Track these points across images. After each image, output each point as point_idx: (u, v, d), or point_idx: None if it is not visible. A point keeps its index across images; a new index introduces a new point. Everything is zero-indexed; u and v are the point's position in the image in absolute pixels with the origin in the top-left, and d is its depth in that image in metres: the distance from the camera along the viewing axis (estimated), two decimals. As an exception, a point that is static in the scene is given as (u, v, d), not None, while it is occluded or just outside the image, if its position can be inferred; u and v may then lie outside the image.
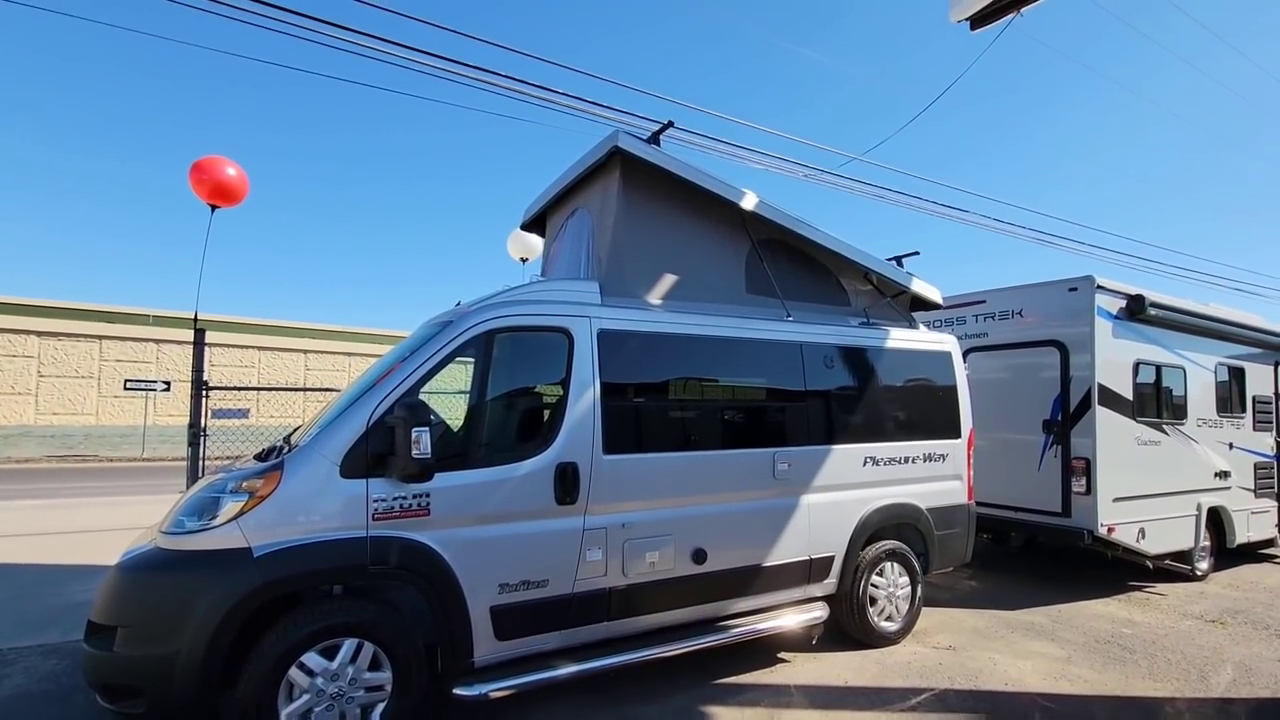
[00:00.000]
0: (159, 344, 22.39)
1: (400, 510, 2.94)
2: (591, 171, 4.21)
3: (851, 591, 4.33)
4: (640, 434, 3.68)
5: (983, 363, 6.42)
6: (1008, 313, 6.39)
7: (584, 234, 4.24)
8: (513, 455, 3.29)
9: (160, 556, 2.79)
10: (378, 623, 2.88)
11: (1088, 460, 5.65)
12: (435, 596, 2.99)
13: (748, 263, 4.37)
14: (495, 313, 3.36)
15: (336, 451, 2.89)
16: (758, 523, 3.97)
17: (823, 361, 4.36)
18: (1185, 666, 4.28)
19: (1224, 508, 6.73)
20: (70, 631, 4.38)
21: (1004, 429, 6.23)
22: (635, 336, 3.70)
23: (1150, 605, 5.69)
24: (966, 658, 4.33)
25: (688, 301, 4.04)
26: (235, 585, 2.65)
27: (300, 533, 2.79)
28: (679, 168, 3.98)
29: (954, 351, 5.10)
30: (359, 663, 2.83)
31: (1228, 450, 6.92)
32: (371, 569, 2.87)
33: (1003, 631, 4.88)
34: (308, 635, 2.73)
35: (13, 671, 3.80)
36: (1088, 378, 5.71)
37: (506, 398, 3.57)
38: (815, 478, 4.19)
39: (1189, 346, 6.63)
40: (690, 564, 3.66)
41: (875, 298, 4.96)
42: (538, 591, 3.23)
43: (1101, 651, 4.52)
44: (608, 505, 3.43)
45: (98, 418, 21.24)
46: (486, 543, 3.12)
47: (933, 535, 4.75)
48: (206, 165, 5.75)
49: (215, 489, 2.93)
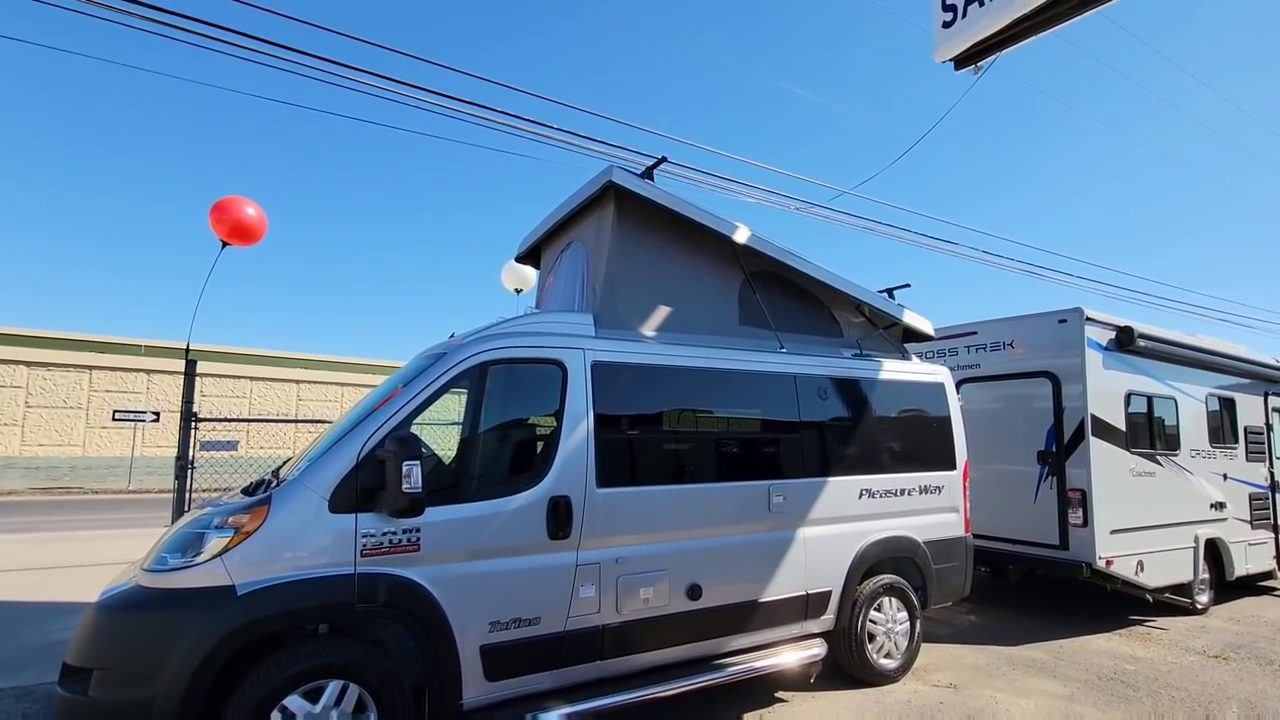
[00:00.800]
0: (149, 374, 22.21)
1: (389, 546, 2.88)
2: (586, 205, 4.26)
3: (849, 627, 4.26)
4: (634, 467, 3.65)
5: (976, 394, 6.44)
6: (999, 344, 6.44)
7: (578, 266, 4.27)
8: (505, 489, 3.25)
9: (141, 595, 2.71)
10: (364, 663, 2.79)
11: (1084, 491, 5.63)
12: (424, 635, 2.92)
13: (740, 295, 4.41)
14: (489, 344, 3.35)
15: (325, 485, 2.85)
16: (753, 557, 3.92)
17: (816, 393, 4.36)
18: (1190, 705, 4.20)
19: (1221, 539, 6.70)
20: (46, 673, 4.23)
21: (999, 460, 6.22)
22: (629, 368, 3.69)
23: (1152, 640, 5.60)
24: (968, 696, 4.23)
25: (681, 333, 4.05)
26: (216, 625, 2.57)
27: (286, 570, 2.72)
28: (672, 201, 4.04)
29: (947, 382, 5.12)
30: (343, 705, 2.74)
31: (1222, 481, 6.92)
32: (358, 607, 2.79)
33: (1004, 668, 4.79)
34: (291, 677, 2.65)
35: (-17, 716, 3.66)
36: (1080, 408, 5.73)
37: (499, 430, 3.54)
38: (811, 510, 4.15)
39: (1179, 377, 6.68)
40: (685, 600, 3.60)
41: (867, 329, 4.99)
42: (529, 629, 3.15)
43: (1104, 689, 4.43)
44: (601, 540, 3.38)
45: (84, 449, 20.93)
46: (477, 579, 3.06)
47: (930, 569, 4.69)
48: (227, 205, 5.79)
49: (200, 524, 2.87)
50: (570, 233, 4.63)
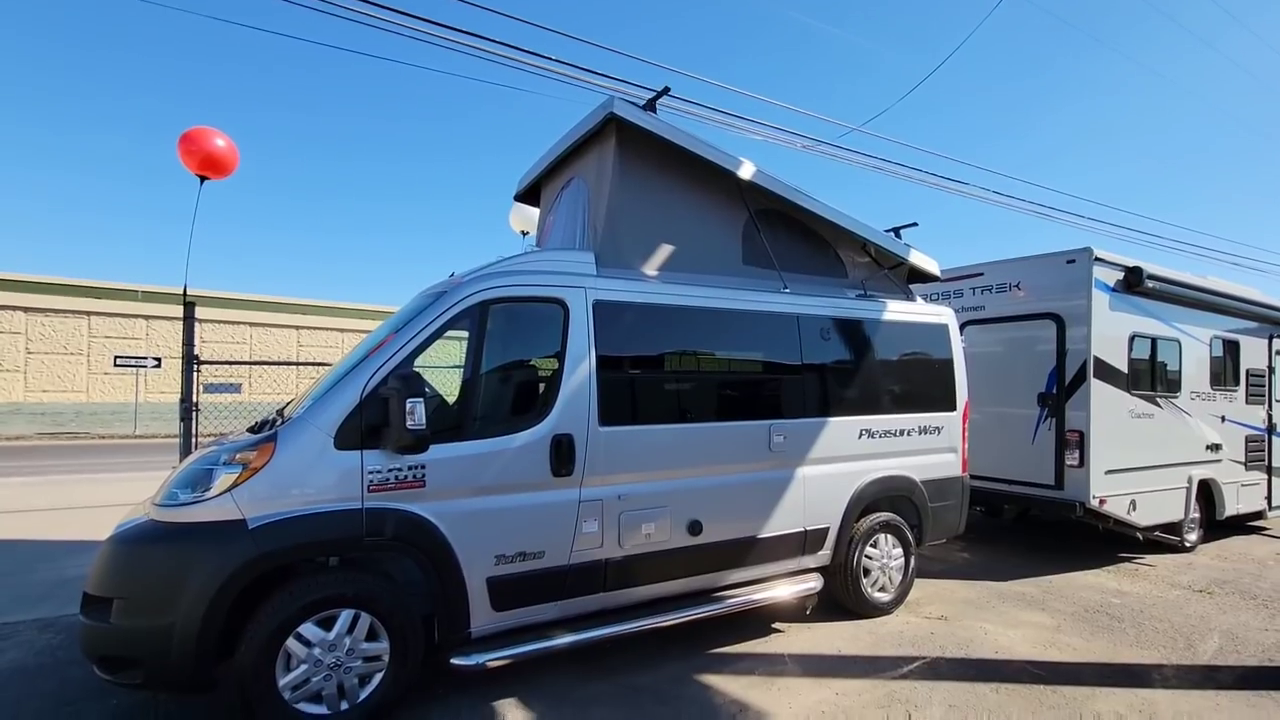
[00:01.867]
0: (148, 320, 22.17)
1: (395, 482, 2.91)
2: (587, 139, 4.12)
3: (846, 563, 4.36)
4: (636, 406, 3.65)
5: (979, 336, 6.41)
6: (1005, 285, 6.37)
7: (579, 203, 4.16)
8: (508, 427, 3.26)
9: (154, 529, 2.76)
10: (374, 594, 2.87)
11: (1082, 433, 5.68)
12: (431, 568, 2.99)
13: (744, 233, 4.31)
14: (489, 283, 3.30)
15: (330, 423, 2.85)
16: (753, 495, 3.97)
17: (819, 333, 4.33)
18: (1172, 635, 4.35)
19: (1215, 480, 6.80)
20: (64, 606, 4.38)
21: (999, 403, 6.25)
22: (631, 308, 3.65)
23: (1139, 576, 5.77)
24: (958, 627, 4.38)
25: (684, 273, 3.99)
26: (230, 557, 2.62)
27: (295, 505, 2.76)
28: (676, 135, 3.90)
29: (950, 324, 5.08)
30: (356, 633, 2.83)
31: (1220, 423, 6.97)
32: (367, 541, 2.85)
33: (994, 602, 4.94)
34: (304, 606, 2.72)
35: (7, 646, 3.79)
36: (1083, 350, 5.71)
37: (501, 369, 3.53)
38: (811, 450, 4.19)
39: (1185, 320, 6.64)
40: (686, 536, 3.67)
41: (873, 269, 4.92)
42: (534, 563, 3.23)
43: (1090, 620, 4.58)
44: (604, 477, 3.42)
45: (88, 395, 21.11)
46: (483, 515, 3.11)
47: (927, 507, 4.78)
48: (195, 136, 5.61)
49: (208, 461, 2.89)
50: (571, 169, 4.49)
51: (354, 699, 2.84)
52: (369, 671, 2.88)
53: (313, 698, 2.76)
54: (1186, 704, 3.35)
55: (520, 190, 5.26)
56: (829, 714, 3.14)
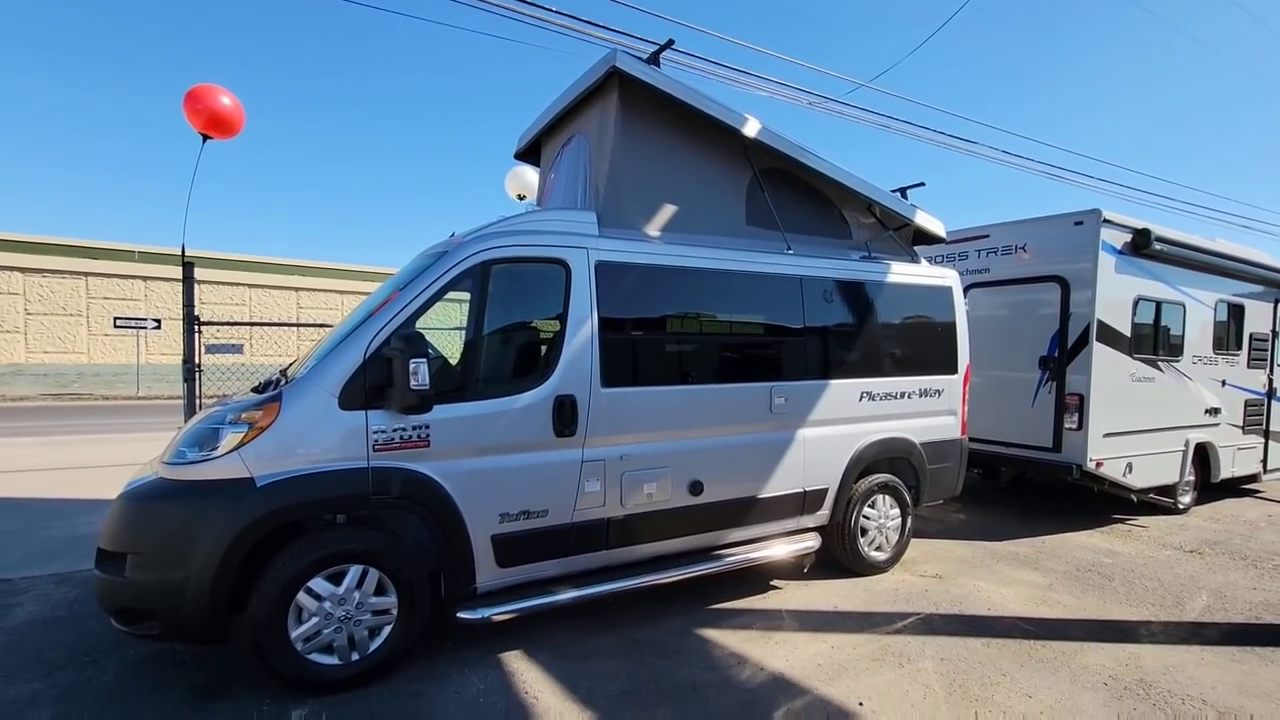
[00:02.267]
0: (146, 281, 22.04)
1: (400, 442, 2.94)
2: (588, 95, 4.02)
3: (843, 523, 4.44)
4: (638, 367, 3.66)
5: (983, 299, 6.37)
6: (1010, 247, 6.30)
7: (580, 162, 4.08)
8: (511, 388, 3.27)
9: (164, 486, 2.80)
10: (381, 550, 2.93)
11: (1081, 397, 5.70)
12: (437, 526, 3.04)
13: (748, 193, 4.24)
14: (490, 243, 3.27)
15: (334, 383, 2.87)
16: (754, 456, 4.01)
17: (822, 295, 4.30)
18: (1162, 593, 4.45)
19: (1212, 443, 6.86)
20: (79, 561, 4.48)
21: (1000, 366, 6.26)
22: (633, 269, 3.62)
23: (1132, 537, 5.87)
24: (952, 585, 4.48)
25: (687, 233, 3.94)
26: (240, 514, 2.67)
27: (302, 463, 2.79)
28: (680, 90, 3.80)
29: (955, 286, 5.05)
30: (364, 588, 2.90)
31: (1220, 387, 6.99)
32: (373, 499, 2.89)
33: (988, 561, 5.04)
34: (313, 562, 2.78)
35: (25, 599, 3.89)
36: (1087, 314, 5.69)
37: (504, 330, 3.52)
38: (811, 412, 4.21)
39: (1191, 283, 6.58)
40: (687, 495, 3.72)
41: (878, 230, 4.85)
42: (538, 521, 3.28)
43: (1082, 579, 4.68)
44: (606, 438, 3.44)
45: (90, 356, 21.13)
46: (487, 474, 3.14)
47: (925, 469, 4.83)
48: (201, 94, 5.44)
49: (214, 420, 2.91)
50: (572, 126, 4.39)
51: (364, 650, 2.92)
52: (378, 624, 2.96)
53: (324, 649, 2.84)
54: (1172, 658, 3.45)
55: (520, 148, 5.15)
56: (824, 666, 3.24)
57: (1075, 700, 2.97)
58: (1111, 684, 3.14)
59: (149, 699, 2.81)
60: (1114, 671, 3.27)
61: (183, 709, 2.74)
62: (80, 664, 3.11)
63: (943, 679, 3.15)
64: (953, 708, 2.88)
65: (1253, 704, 2.99)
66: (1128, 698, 3.01)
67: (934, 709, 2.87)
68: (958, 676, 3.18)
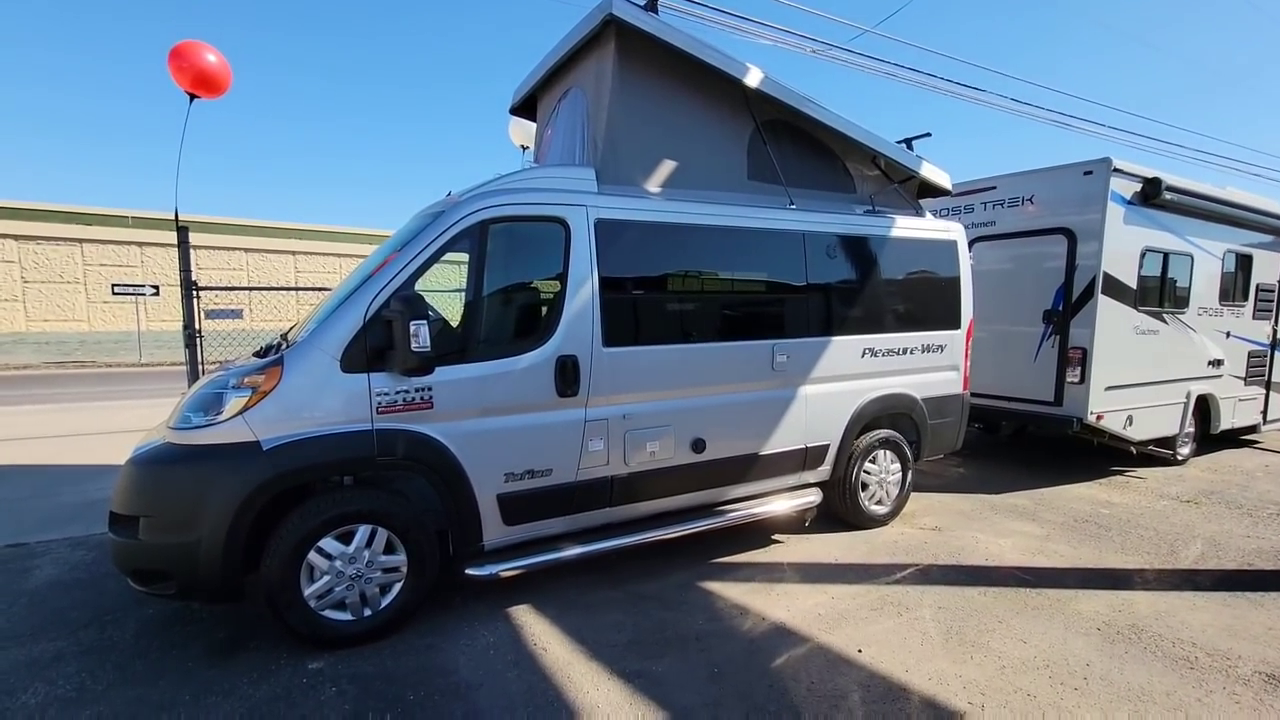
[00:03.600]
0: (142, 247, 21.84)
1: (403, 404, 2.95)
2: (585, 45, 3.88)
3: (845, 478, 4.49)
4: (639, 326, 3.64)
5: (988, 253, 6.30)
6: (1017, 199, 6.19)
7: (578, 116, 3.98)
8: (513, 349, 3.26)
9: (172, 450, 2.82)
10: (389, 510, 2.97)
11: (1084, 350, 5.68)
12: (443, 486, 3.08)
13: (750, 146, 4.14)
14: (487, 202, 3.21)
15: (335, 346, 2.86)
16: (756, 413, 4.03)
17: (825, 251, 4.25)
18: (1157, 542, 4.52)
19: (1213, 395, 6.87)
20: (92, 526, 4.56)
21: (1003, 321, 6.23)
22: (633, 226, 3.56)
23: (1129, 488, 5.94)
24: (950, 537, 4.56)
25: (687, 189, 3.86)
26: (248, 477, 2.70)
27: (307, 426, 2.81)
28: (680, 39, 3.66)
29: (959, 240, 4.97)
30: (374, 547, 2.95)
31: (1224, 339, 6.96)
32: (379, 460, 2.92)
33: (986, 513, 5.11)
34: (323, 522, 2.83)
35: (43, 563, 3.97)
36: (1093, 266, 5.63)
37: (504, 291, 3.49)
38: (813, 369, 4.21)
39: (1199, 233, 6.48)
40: (690, 453, 3.75)
41: (882, 183, 4.76)
42: (542, 480, 3.32)
43: (1078, 530, 4.76)
44: (608, 397, 3.45)
45: (90, 324, 21.12)
46: (491, 434, 3.17)
47: (926, 424, 4.86)
48: (185, 51, 5.25)
49: (217, 385, 2.92)
50: (568, 78, 4.26)
51: (376, 607, 3.00)
52: (388, 582, 3.03)
53: (337, 605, 2.92)
54: (1164, 604, 3.53)
55: (515, 103, 5.02)
56: (824, 616, 3.32)
57: (1068, 645, 3.06)
58: (1104, 629, 3.22)
59: (170, 654, 2.90)
60: (1107, 617, 3.35)
61: (203, 664, 2.83)
62: (101, 623, 3.20)
63: (940, 626, 3.23)
64: (949, 653, 2.97)
65: (1241, 646, 3.08)
66: (1119, 641, 3.10)
67: (931, 654, 2.95)
68: (955, 624, 3.26)
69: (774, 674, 2.78)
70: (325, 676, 2.72)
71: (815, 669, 2.82)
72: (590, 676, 2.75)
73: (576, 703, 2.56)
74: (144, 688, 2.64)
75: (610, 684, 2.70)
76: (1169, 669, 2.87)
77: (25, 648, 2.96)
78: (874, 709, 2.54)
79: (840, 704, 2.56)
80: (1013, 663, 2.89)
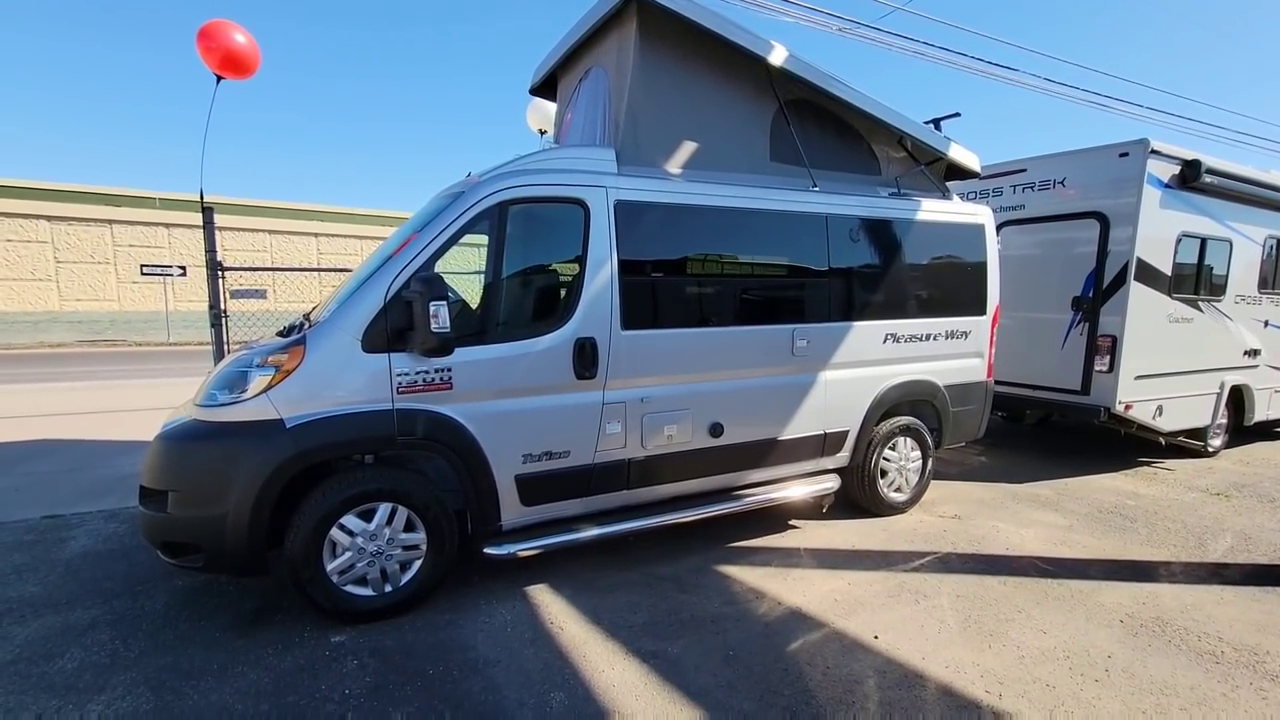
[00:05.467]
0: (169, 228, 22.24)
1: (423, 384, 2.97)
2: (605, 23, 3.82)
3: (864, 464, 4.45)
4: (658, 309, 3.62)
5: (1015, 238, 6.14)
6: (1049, 182, 6.01)
7: (599, 96, 3.93)
8: (531, 330, 3.26)
9: (198, 427, 2.88)
10: (409, 489, 3.01)
11: (1114, 338, 5.54)
12: (462, 466, 3.11)
13: (773, 127, 4.06)
14: (507, 182, 3.19)
15: (356, 326, 2.88)
16: (774, 398, 4.00)
17: (848, 235, 4.17)
18: (1184, 534, 4.43)
19: (1248, 386, 6.67)
20: (125, 499, 4.70)
21: (1030, 308, 6.09)
22: (654, 208, 3.53)
23: (1157, 480, 5.81)
24: (970, 525, 4.50)
25: (708, 170, 3.81)
26: (272, 454, 2.75)
27: (329, 405, 2.85)
28: (703, 16, 3.59)
29: (987, 224, 4.86)
30: (394, 525, 3.00)
31: (1262, 328, 6.73)
32: (399, 440, 2.95)
33: (1008, 503, 5.04)
34: (345, 500, 2.88)
35: (79, 534, 4.11)
36: (1126, 252, 5.46)
37: (523, 272, 3.49)
38: (834, 355, 4.16)
39: (1240, 218, 6.25)
40: (707, 437, 3.74)
41: (908, 165, 4.65)
42: (560, 462, 3.33)
43: (1103, 521, 4.67)
44: (626, 380, 3.45)
45: (120, 304, 21.62)
46: (509, 416, 3.18)
47: (948, 411, 4.79)
48: (214, 31, 5.24)
49: (241, 364, 2.97)
50: (588, 58, 4.20)
51: (396, 583, 3.06)
52: (409, 559, 3.08)
53: (359, 581, 2.98)
54: (1191, 597, 3.46)
55: (535, 83, 4.97)
56: (841, 601, 3.31)
57: (1089, 636, 3.01)
58: (1127, 621, 3.17)
59: (199, 624, 2.99)
60: (1130, 610, 3.29)
61: (230, 633, 2.91)
62: (134, 593, 3.30)
63: (958, 614, 3.20)
64: (967, 641, 2.94)
65: (1269, 641, 3.01)
66: (1143, 634, 3.05)
67: (948, 642, 2.93)
68: (973, 612, 3.23)
69: (789, 658, 2.78)
70: (347, 649, 2.79)
71: (831, 654, 2.82)
72: (606, 656, 2.78)
73: (592, 681, 2.59)
74: (174, 655, 2.73)
75: (626, 664, 2.72)
76: (1194, 663, 2.82)
77: (62, 615, 3.07)
78: (889, 695, 2.53)
79: (855, 689, 2.56)
80: (1032, 653, 2.86)
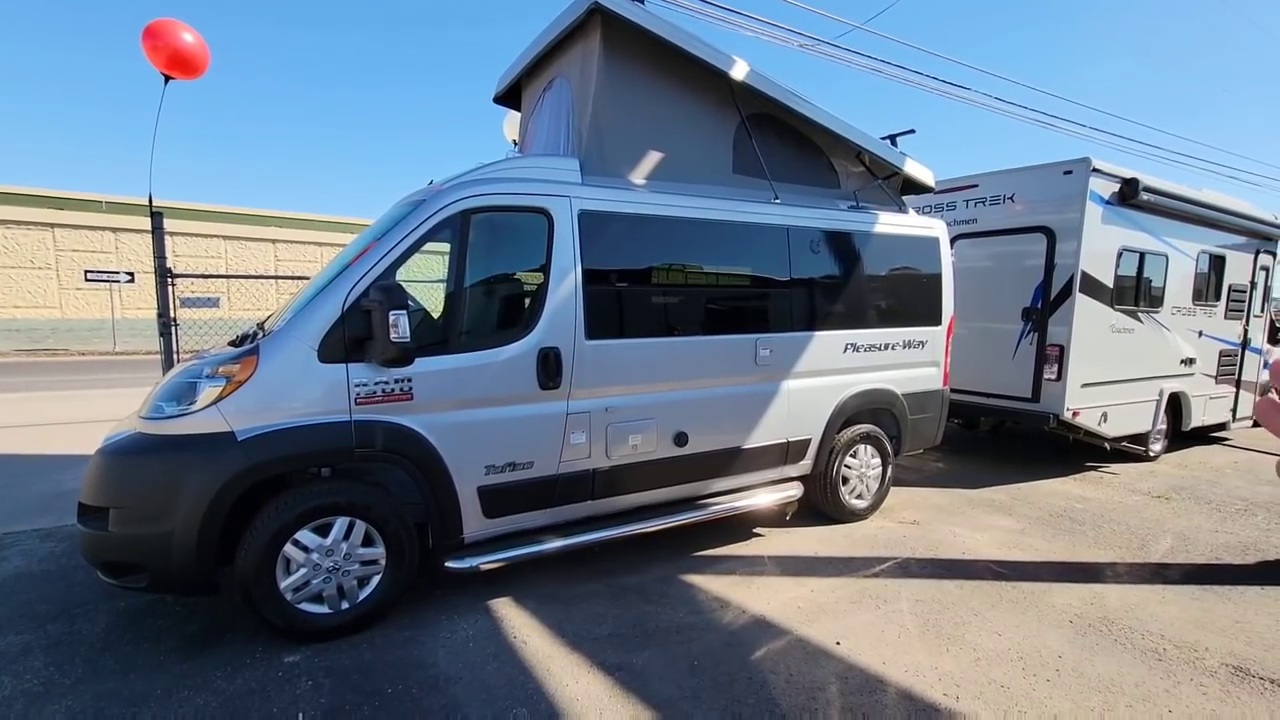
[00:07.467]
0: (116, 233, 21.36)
1: (382, 395, 2.91)
2: (569, 34, 3.84)
3: (826, 472, 4.52)
4: (623, 319, 3.62)
5: (969, 251, 6.36)
6: (999, 198, 6.25)
7: (563, 106, 3.94)
8: (494, 340, 3.23)
9: (143, 440, 2.76)
10: (367, 502, 2.93)
11: (1062, 348, 5.78)
12: (423, 478, 3.04)
13: (735, 140, 4.13)
14: (469, 191, 3.17)
15: (313, 336, 2.81)
16: (738, 407, 4.04)
17: (809, 246, 4.26)
18: (1128, 536, 4.62)
19: (1185, 393, 7.02)
20: (63, 517, 4.46)
21: (983, 318, 6.30)
22: (618, 218, 3.54)
23: (1102, 483, 6.05)
24: (929, 530, 4.61)
25: (672, 181, 3.85)
26: (222, 468, 2.65)
27: (283, 417, 2.76)
28: (666, 30, 3.64)
29: (942, 237, 5.02)
30: (352, 539, 2.92)
31: (1196, 338, 7.11)
32: (357, 452, 2.88)
33: (964, 508, 5.18)
34: (300, 514, 2.78)
35: (11, 554, 3.88)
36: (1071, 265, 5.71)
37: (486, 281, 3.45)
38: (796, 364, 4.23)
39: (1175, 234, 6.60)
40: (672, 446, 3.75)
41: (866, 179, 4.78)
42: (524, 473, 3.30)
43: (1053, 524, 4.84)
44: (591, 390, 3.44)
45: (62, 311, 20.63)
46: (471, 426, 3.14)
47: (906, 419, 4.91)
48: (160, 30, 5.06)
49: (191, 374, 2.86)
50: (553, 68, 4.21)
51: (354, 599, 2.97)
52: (367, 574, 2.99)
53: (314, 598, 2.88)
54: (1135, 596, 3.60)
55: (499, 92, 4.95)
56: (804, 609, 3.35)
57: (1041, 637, 3.11)
58: (1076, 621, 3.28)
59: (142, 648, 2.85)
60: (1079, 610, 3.41)
61: (176, 657, 2.78)
62: (71, 616, 3.13)
63: (917, 619, 3.27)
64: (926, 645, 3.01)
65: (1208, 638, 3.15)
66: (1090, 634, 3.16)
67: (908, 646, 2.99)
68: (931, 616, 3.30)
69: (753, 666, 2.80)
70: (301, 669, 2.69)
71: (794, 661, 2.84)
72: (571, 669, 2.75)
73: (557, 696, 2.56)
74: (114, 681, 2.59)
75: (591, 677, 2.70)
76: (1138, 660, 2.93)
77: (-10, 641, 2.89)
78: (851, 701, 2.56)
79: (818, 696, 2.59)
80: (987, 655, 2.94)
